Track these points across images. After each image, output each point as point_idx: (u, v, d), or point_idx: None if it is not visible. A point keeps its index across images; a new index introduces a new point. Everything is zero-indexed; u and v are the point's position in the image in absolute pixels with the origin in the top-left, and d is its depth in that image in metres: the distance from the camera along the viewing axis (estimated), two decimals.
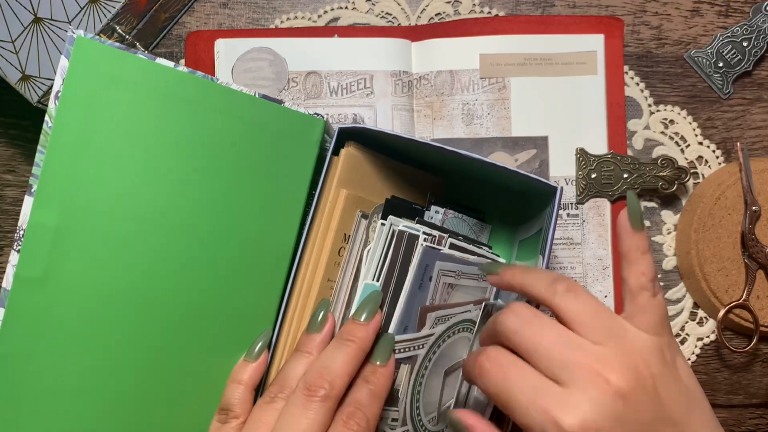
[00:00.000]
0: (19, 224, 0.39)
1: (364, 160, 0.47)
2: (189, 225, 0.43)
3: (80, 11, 0.47)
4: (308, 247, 0.45)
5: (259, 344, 0.44)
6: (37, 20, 0.47)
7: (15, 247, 0.39)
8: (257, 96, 0.44)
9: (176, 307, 0.43)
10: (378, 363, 0.41)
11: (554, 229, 0.44)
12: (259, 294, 0.45)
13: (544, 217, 0.47)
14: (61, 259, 0.40)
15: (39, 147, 0.39)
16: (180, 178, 0.42)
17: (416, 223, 0.45)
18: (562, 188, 0.44)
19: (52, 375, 0.40)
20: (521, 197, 0.53)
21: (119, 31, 0.49)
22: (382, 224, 0.45)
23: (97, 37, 0.40)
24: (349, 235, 0.46)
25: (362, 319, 0.42)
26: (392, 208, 0.47)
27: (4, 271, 0.55)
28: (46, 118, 0.39)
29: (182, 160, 0.43)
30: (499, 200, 0.54)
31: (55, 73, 0.47)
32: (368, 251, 0.45)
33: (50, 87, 0.47)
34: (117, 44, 0.41)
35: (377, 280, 0.44)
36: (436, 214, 0.50)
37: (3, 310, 0.39)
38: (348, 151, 0.46)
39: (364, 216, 0.47)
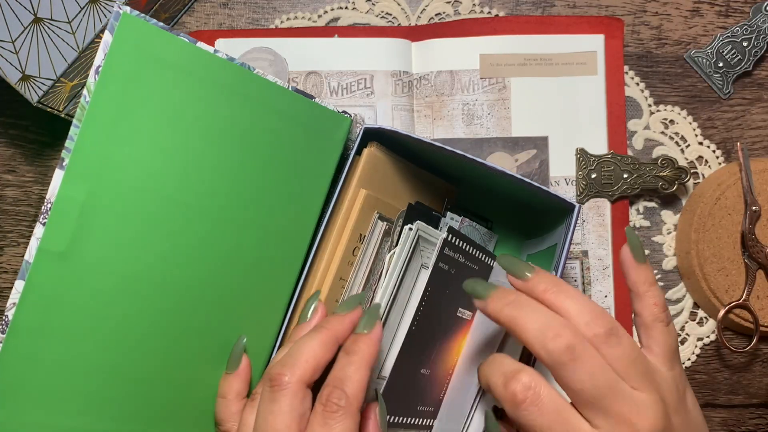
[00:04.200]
0: (47, 197, 0.39)
1: (385, 161, 0.47)
2: (212, 210, 0.43)
3: (80, 11, 0.47)
4: (324, 244, 0.45)
5: (234, 355, 0.44)
6: (37, 20, 0.47)
7: (41, 219, 0.39)
8: (290, 89, 0.44)
9: (192, 292, 0.43)
10: (362, 332, 0.39)
11: (569, 246, 0.43)
12: (272, 284, 0.45)
13: (558, 233, 0.47)
14: (85, 234, 0.40)
15: (74, 120, 0.39)
16: (208, 163, 0.43)
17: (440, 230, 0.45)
18: (580, 206, 0.43)
19: (66, 350, 0.40)
20: (531, 210, 0.53)
21: None
22: (410, 228, 0.44)
23: (142, 14, 0.40)
24: (365, 236, 0.46)
25: (342, 312, 0.40)
26: (415, 213, 0.47)
27: (5, 271, 0.55)
28: (84, 92, 0.39)
29: (212, 145, 0.43)
30: (509, 211, 0.54)
31: (55, 73, 0.47)
32: (391, 255, 0.45)
33: (50, 87, 0.47)
34: (161, 24, 0.41)
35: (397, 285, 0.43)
36: (452, 221, 0.50)
37: (23, 282, 0.39)
38: (370, 152, 0.46)
39: (381, 218, 0.47)
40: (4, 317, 0.39)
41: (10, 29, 0.47)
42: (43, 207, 0.39)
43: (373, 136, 0.47)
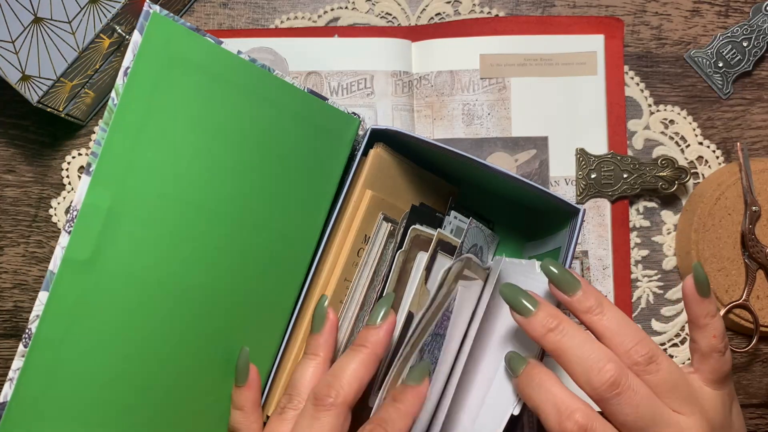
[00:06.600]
0: (72, 204, 0.38)
1: (390, 162, 0.47)
2: (230, 214, 0.43)
3: (80, 11, 0.47)
4: (329, 245, 0.46)
5: (240, 368, 0.44)
6: (37, 20, 0.47)
7: (66, 227, 0.38)
8: (305, 90, 0.44)
9: (209, 297, 0.43)
10: (409, 384, 0.40)
11: (574, 250, 0.43)
12: (280, 286, 0.45)
13: (560, 236, 0.46)
14: (108, 242, 0.39)
15: (101, 124, 0.38)
16: (229, 166, 0.42)
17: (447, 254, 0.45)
18: (585, 210, 0.43)
19: (87, 361, 0.39)
20: (533, 211, 0.52)
21: (119, 31, 0.49)
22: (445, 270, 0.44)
23: (171, 14, 0.40)
24: (369, 237, 0.46)
25: (376, 323, 0.42)
26: (417, 215, 0.47)
27: (5, 271, 0.55)
28: (112, 94, 0.38)
29: (233, 147, 0.42)
30: (510, 212, 0.54)
31: (55, 73, 0.47)
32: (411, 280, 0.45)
33: (50, 87, 0.47)
34: (188, 24, 0.40)
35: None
36: (457, 220, 0.50)
37: (47, 293, 0.38)
38: (377, 153, 0.46)
39: (386, 219, 0.47)
40: (27, 330, 0.38)
41: (10, 29, 0.47)
42: (68, 215, 0.38)
43: (379, 136, 0.47)
